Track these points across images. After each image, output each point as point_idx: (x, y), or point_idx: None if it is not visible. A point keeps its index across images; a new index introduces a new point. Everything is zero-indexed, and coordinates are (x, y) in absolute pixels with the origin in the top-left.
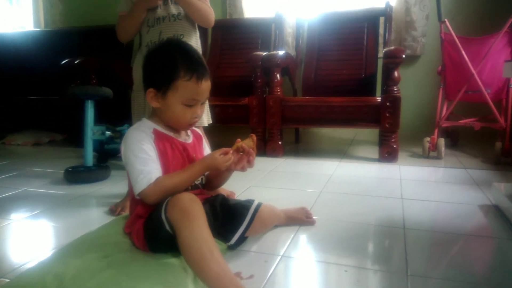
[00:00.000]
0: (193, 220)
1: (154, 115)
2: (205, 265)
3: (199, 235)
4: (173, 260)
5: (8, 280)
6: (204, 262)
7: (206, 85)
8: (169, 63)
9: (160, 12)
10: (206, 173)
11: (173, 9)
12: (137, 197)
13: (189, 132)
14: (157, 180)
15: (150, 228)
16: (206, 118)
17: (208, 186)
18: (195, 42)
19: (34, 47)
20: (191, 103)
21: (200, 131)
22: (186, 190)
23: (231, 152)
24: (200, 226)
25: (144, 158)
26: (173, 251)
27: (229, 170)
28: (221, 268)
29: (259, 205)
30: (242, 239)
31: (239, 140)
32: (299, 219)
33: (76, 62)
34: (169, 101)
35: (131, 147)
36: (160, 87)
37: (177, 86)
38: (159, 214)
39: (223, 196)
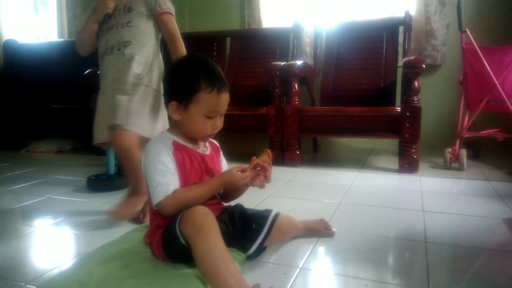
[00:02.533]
0: (206, 234)
1: (174, 127)
2: (221, 278)
3: (213, 249)
4: (192, 271)
5: (34, 287)
6: (220, 275)
7: (225, 97)
8: (191, 77)
9: (111, 22)
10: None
11: (124, 18)
12: (155, 208)
13: (207, 143)
14: (174, 192)
15: (168, 239)
16: (161, 125)
17: (224, 197)
18: (147, 51)
19: (58, 57)
20: (212, 115)
21: (217, 143)
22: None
23: (249, 170)
24: (214, 240)
25: (162, 170)
26: (192, 261)
27: (246, 186)
28: (236, 281)
29: (277, 215)
30: (261, 249)
31: (254, 158)
32: (318, 230)
33: (98, 72)
34: (190, 113)
35: (151, 159)
36: (182, 100)
37: (198, 98)
38: (174, 227)
39: (241, 206)
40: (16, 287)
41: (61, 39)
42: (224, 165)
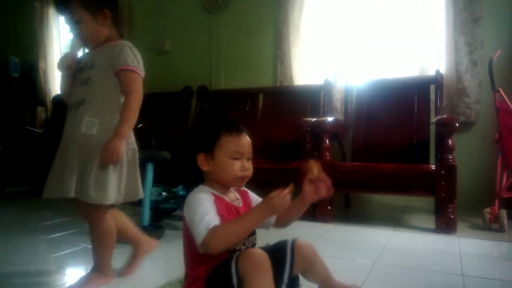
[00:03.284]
0: (264, 274)
1: (207, 181)
2: None
3: None
4: None
5: None
6: None
7: (246, 139)
8: (212, 128)
9: (77, 78)
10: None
11: (85, 75)
12: (201, 251)
13: (238, 195)
14: (216, 226)
15: (214, 284)
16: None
17: (279, 224)
18: (105, 110)
19: None
20: (237, 156)
21: (244, 189)
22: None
23: (287, 191)
24: (270, 281)
25: (203, 212)
26: None
27: (306, 202)
28: None
29: (294, 239)
30: (293, 280)
31: (292, 184)
32: None
33: (139, 126)
34: (217, 159)
35: (193, 206)
36: (207, 149)
37: (221, 143)
38: (229, 266)
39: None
40: None
41: None
42: (258, 200)
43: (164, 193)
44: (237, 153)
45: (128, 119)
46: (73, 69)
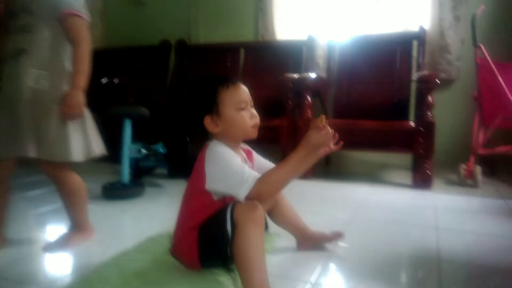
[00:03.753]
0: (258, 224)
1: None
2: (255, 269)
3: (259, 240)
4: (208, 281)
5: None
6: (255, 266)
7: (243, 88)
8: (208, 88)
9: (10, 25)
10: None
11: (21, 20)
12: (245, 199)
13: (245, 155)
14: (264, 175)
15: (208, 232)
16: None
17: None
18: (48, 61)
19: None
20: (242, 106)
21: (248, 147)
22: None
23: (322, 125)
24: (261, 232)
25: (241, 165)
26: (220, 268)
27: (318, 156)
28: (265, 278)
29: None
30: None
31: (323, 116)
32: (327, 238)
33: (115, 81)
34: (224, 114)
35: (225, 159)
36: (211, 109)
37: (223, 98)
38: (224, 213)
39: None
40: None
41: None
42: (263, 161)
43: (143, 151)
44: (241, 102)
45: (83, 69)
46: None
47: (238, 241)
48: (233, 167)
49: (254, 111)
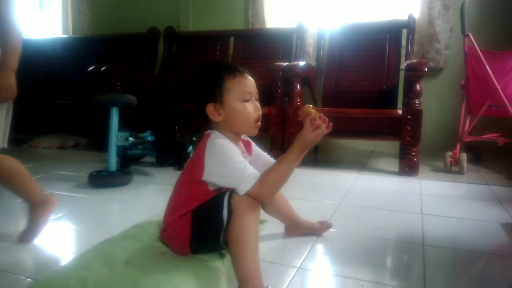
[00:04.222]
0: (255, 211)
1: (218, 131)
2: (249, 255)
3: (254, 227)
4: (197, 266)
5: (32, 281)
6: (249, 253)
7: (250, 79)
8: (213, 75)
9: None
10: None
11: None
12: (243, 195)
13: (244, 148)
14: (264, 175)
15: (202, 217)
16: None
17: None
18: None
19: (62, 53)
20: (247, 97)
21: (248, 139)
22: None
23: (312, 119)
24: (257, 221)
25: (242, 161)
26: (210, 253)
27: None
28: (258, 265)
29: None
30: None
31: (308, 106)
32: (316, 229)
33: (102, 69)
34: (228, 104)
35: (225, 153)
36: (215, 97)
37: (228, 87)
38: (221, 199)
39: None
40: (16, 281)
41: (66, 35)
42: (262, 154)
43: (131, 139)
44: (246, 93)
45: (13, 49)
46: None
47: (234, 228)
48: (234, 163)
49: (258, 104)
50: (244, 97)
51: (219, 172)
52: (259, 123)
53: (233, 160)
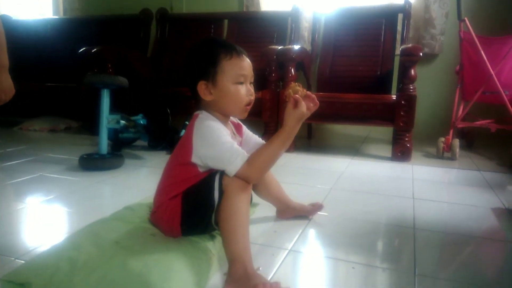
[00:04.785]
0: (247, 192)
1: (207, 111)
2: (240, 235)
3: (245, 208)
4: (188, 247)
5: (22, 262)
6: (240, 233)
7: (247, 61)
8: (210, 53)
9: None
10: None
11: None
12: (234, 176)
13: (234, 129)
14: (252, 156)
15: (193, 199)
16: None
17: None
18: None
19: (53, 35)
20: (241, 80)
21: (238, 121)
22: None
23: (295, 95)
24: (249, 201)
25: (230, 142)
26: (200, 235)
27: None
28: (248, 246)
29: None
30: None
31: (291, 85)
32: (308, 211)
33: (93, 51)
34: (221, 85)
35: (213, 134)
36: (208, 76)
37: (223, 67)
38: (212, 180)
39: None
40: (5, 261)
41: (56, 16)
42: (253, 136)
43: (122, 121)
44: (241, 76)
45: (2, 45)
46: None
47: (225, 208)
48: (222, 144)
49: (251, 88)
50: (238, 79)
51: (207, 154)
52: (250, 106)
53: (221, 141)
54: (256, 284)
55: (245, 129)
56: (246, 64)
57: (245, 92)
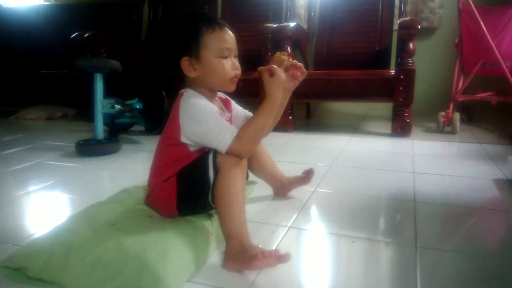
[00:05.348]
0: (242, 168)
1: (193, 88)
2: (236, 211)
3: (241, 184)
4: (185, 227)
5: (18, 247)
6: (235, 209)
7: (230, 34)
8: (191, 27)
9: None
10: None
11: None
12: (225, 153)
13: (222, 105)
14: (241, 131)
15: (188, 179)
16: None
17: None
18: None
19: (44, 21)
20: (225, 54)
21: (226, 96)
22: None
23: (269, 66)
24: (244, 177)
25: (217, 118)
26: (198, 215)
27: (287, 91)
28: (244, 222)
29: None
30: None
31: (277, 54)
32: (303, 178)
33: (85, 35)
34: (205, 60)
35: (199, 111)
36: (191, 51)
37: (205, 42)
38: (206, 159)
39: None
40: (2, 248)
41: (47, 3)
42: (242, 111)
43: (118, 106)
44: (225, 49)
45: None
46: None
47: (220, 184)
48: (209, 120)
49: (236, 62)
50: (222, 53)
51: (195, 132)
52: (237, 79)
53: (207, 117)
54: (255, 254)
55: (234, 104)
56: (229, 37)
57: (231, 65)
